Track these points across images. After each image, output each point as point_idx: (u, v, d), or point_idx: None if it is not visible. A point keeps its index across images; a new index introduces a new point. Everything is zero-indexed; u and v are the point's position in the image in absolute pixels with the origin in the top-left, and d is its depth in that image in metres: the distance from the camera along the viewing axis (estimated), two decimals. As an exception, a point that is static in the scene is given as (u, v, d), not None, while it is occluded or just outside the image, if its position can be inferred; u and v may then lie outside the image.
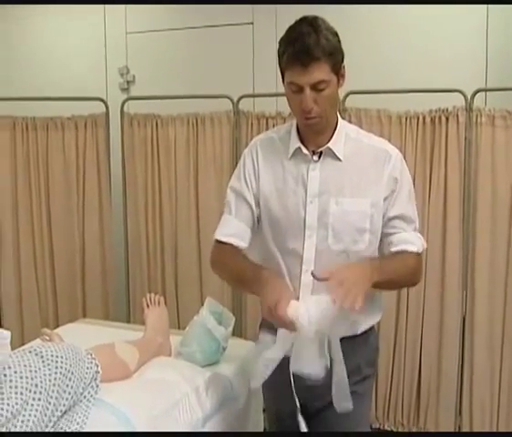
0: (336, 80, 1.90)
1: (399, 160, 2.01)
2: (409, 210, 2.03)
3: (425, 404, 3.34)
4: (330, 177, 1.97)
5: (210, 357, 2.44)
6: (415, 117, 3.22)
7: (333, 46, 1.87)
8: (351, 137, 2.02)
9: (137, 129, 3.74)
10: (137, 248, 3.82)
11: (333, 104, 1.95)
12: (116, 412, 1.92)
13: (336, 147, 1.98)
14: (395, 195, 1.99)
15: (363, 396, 2.09)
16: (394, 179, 1.98)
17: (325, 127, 1.97)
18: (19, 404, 1.72)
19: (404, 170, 2.02)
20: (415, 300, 3.28)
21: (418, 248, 2.02)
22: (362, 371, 2.07)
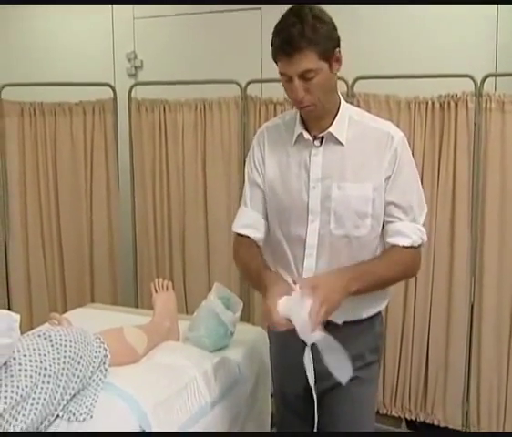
0: (327, 66, 1.89)
1: (401, 143, 1.97)
2: (407, 199, 1.97)
3: (433, 391, 3.34)
4: (332, 162, 1.98)
5: (218, 342, 2.44)
6: (424, 103, 3.19)
7: (321, 34, 1.85)
8: (354, 119, 2.00)
9: (144, 115, 3.73)
10: (144, 234, 3.82)
11: (327, 90, 1.93)
12: (124, 396, 1.93)
13: (338, 132, 1.97)
14: (392, 179, 1.95)
15: (368, 382, 2.09)
16: (394, 163, 1.95)
17: (324, 113, 1.96)
18: (29, 387, 1.73)
19: (405, 155, 1.98)
20: (423, 287, 3.27)
21: (413, 242, 1.96)
22: (365, 357, 2.07)
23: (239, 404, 2.38)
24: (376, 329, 2.11)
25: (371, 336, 2.09)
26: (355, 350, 1.94)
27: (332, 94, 1.98)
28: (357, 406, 2.08)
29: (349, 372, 1.81)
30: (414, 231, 1.97)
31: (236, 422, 2.36)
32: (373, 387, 2.15)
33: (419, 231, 1.99)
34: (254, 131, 3.54)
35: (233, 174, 3.62)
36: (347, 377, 1.81)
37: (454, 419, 3.31)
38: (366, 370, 2.07)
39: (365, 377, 2.06)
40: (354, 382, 1.91)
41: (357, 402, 2.09)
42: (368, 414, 2.14)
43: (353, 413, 2.09)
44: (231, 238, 3.58)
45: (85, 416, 1.83)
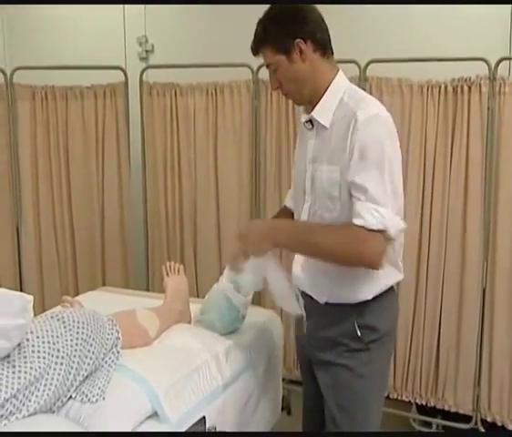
0: (286, 59, 1.98)
1: (363, 123, 1.89)
2: (362, 178, 1.88)
3: (444, 375, 3.34)
4: (318, 145, 2.06)
5: (230, 325, 2.44)
6: (437, 87, 3.16)
7: (271, 32, 2.00)
8: (344, 102, 2.00)
9: (156, 98, 3.73)
10: (156, 217, 3.83)
11: (295, 80, 2.02)
12: (136, 378, 1.94)
13: (320, 115, 2.03)
14: (352, 159, 1.91)
15: (356, 371, 2.06)
16: (354, 144, 1.90)
17: (309, 99, 2.05)
18: (42, 368, 1.75)
19: (366, 134, 1.89)
20: (435, 272, 3.26)
21: (366, 222, 1.84)
22: (347, 344, 2.05)
23: (250, 387, 2.39)
24: (365, 319, 2.03)
25: (352, 324, 2.03)
26: (334, 332, 2.06)
27: (306, 82, 2.02)
28: (344, 393, 2.09)
29: (296, 308, 2.09)
30: (370, 212, 1.85)
31: (247, 405, 2.37)
32: (364, 378, 2.07)
33: (378, 214, 1.84)
34: (265, 115, 3.55)
35: (245, 157, 3.62)
36: (293, 311, 2.11)
37: (464, 404, 3.31)
38: (353, 359, 2.06)
39: (353, 365, 2.06)
40: (340, 368, 2.06)
41: (342, 389, 2.10)
42: (359, 405, 2.10)
43: (338, 399, 2.11)
44: (242, 221, 3.63)
45: (97, 397, 1.84)
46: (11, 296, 1.71)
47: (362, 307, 2.03)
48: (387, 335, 2.10)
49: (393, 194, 1.89)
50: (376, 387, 2.13)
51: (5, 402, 1.63)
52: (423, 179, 3.24)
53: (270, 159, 3.57)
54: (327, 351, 2.10)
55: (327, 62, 2.03)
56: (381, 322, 2.06)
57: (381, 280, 2.03)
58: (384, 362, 2.16)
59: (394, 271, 2.09)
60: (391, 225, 1.86)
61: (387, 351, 2.16)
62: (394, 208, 1.89)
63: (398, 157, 1.96)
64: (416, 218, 3.26)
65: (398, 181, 1.92)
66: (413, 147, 3.22)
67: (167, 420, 1.90)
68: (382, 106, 2.01)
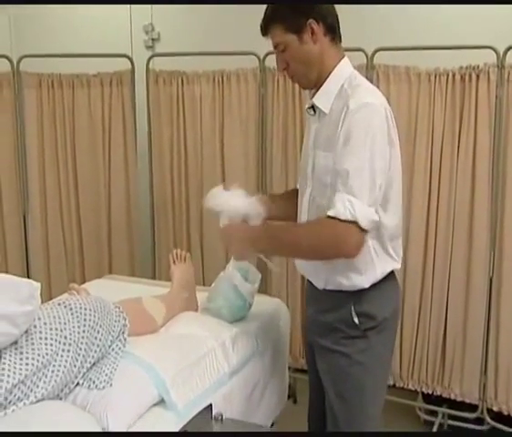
0: (297, 38, 1.97)
1: (353, 112, 1.89)
2: (342, 165, 1.88)
3: (450, 364, 3.33)
4: (318, 131, 2.07)
5: (237, 313, 2.44)
6: (445, 75, 3.14)
7: (283, 11, 1.98)
8: (343, 88, 2.00)
9: (162, 86, 3.72)
10: (162, 205, 3.83)
11: (303, 61, 2.01)
12: (144, 365, 1.94)
13: (320, 102, 2.04)
14: (339, 147, 1.91)
15: (355, 358, 2.07)
16: (344, 132, 1.90)
17: (313, 83, 2.06)
18: (49, 355, 1.75)
19: (352, 121, 1.89)
20: (442, 260, 3.25)
21: (337, 212, 1.85)
22: (343, 330, 2.06)
23: (257, 375, 2.40)
24: (362, 307, 2.04)
25: (349, 311, 2.04)
26: (332, 318, 2.08)
27: (314, 65, 2.02)
28: (341, 381, 2.11)
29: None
30: (342, 202, 1.85)
31: (254, 393, 2.37)
32: (361, 365, 2.08)
33: (350, 206, 1.84)
34: (272, 103, 3.54)
35: (251, 145, 3.61)
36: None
37: (470, 393, 3.31)
38: (350, 346, 2.07)
39: (350, 352, 2.07)
40: (337, 355, 2.08)
41: (339, 376, 2.11)
42: (356, 393, 2.10)
43: (336, 387, 2.12)
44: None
45: (104, 384, 1.85)
46: (19, 283, 1.72)
47: (359, 294, 2.04)
48: (385, 323, 2.09)
49: (370, 184, 1.87)
50: (375, 375, 2.12)
51: (12, 388, 1.64)
52: (430, 168, 3.23)
53: (276, 147, 3.56)
54: (325, 337, 2.12)
55: (335, 47, 2.03)
56: (378, 310, 2.06)
57: (376, 268, 2.04)
58: (384, 350, 2.14)
59: (388, 260, 2.08)
60: (361, 216, 1.85)
61: (386, 339, 2.14)
62: (369, 198, 1.87)
63: (382, 148, 1.91)
64: (423, 208, 3.25)
65: (378, 172, 1.89)
66: (420, 136, 3.21)
67: (173, 407, 1.90)
68: (379, 95, 2.01)
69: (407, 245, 3.26)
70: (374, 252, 2.02)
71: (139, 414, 1.85)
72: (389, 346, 2.20)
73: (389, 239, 2.06)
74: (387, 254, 2.07)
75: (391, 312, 2.13)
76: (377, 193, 1.90)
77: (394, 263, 2.11)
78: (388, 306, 2.12)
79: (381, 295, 2.07)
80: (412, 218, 3.26)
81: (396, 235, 2.12)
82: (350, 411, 2.12)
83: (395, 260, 2.11)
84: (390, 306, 2.13)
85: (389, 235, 2.05)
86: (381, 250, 2.04)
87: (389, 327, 2.13)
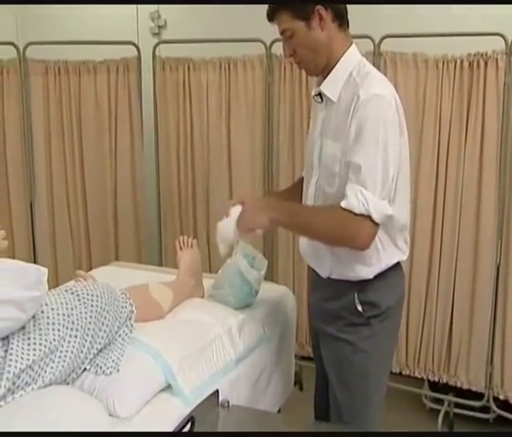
0: (304, 25, 1.95)
1: (364, 103, 1.88)
2: (355, 158, 1.88)
3: (457, 352, 3.33)
4: (326, 119, 2.06)
5: (243, 300, 2.44)
6: (453, 61, 3.13)
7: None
8: (353, 78, 1.99)
9: (169, 73, 3.72)
10: (168, 192, 3.83)
11: (311, 48, 1.99)
12: (150, 351, 1.95)
13: (328, 89, 2.02)
14: (351, 139, 1.91)
15: (358, 345, 2.08)
16: (355, 123, 1.90)
17: (320, 70, 2.04)
18: (56, 340, 1.76)
19: (364, 113, 1.88)
20: (449, 247, 3.24)
21: (348, 204, 1.87)
22: (346, 318, 2.08)
23: (263, 362, 2.39)
24: (366, 296, 2.05)
25: (352, 299, 2.05)
26: (336, 305, 2.09)
27: (321, 51, 2.00)
28: (344, 368, 2.12)
29: None
30: (355, 195, 1.86)
31: (260, 380, 2.37)
32: (364, 353, 2.09)
33: (363, 198, 1.85)
34: (279, 90, 3.53)
35: (257, 133, 3.61)
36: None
37: (477, 381, 3.31)
38: (354, 333, 2.08)
39: (353, 340, 2.08)
40: (341, 343, 2.09)
41: (343, 363, 2.12)
42: (359, 380, 2.11)
43: (339, 374, 2.14)
44: (255, 196, 3.61)
45: (111, 369, 1.85)
46: (26, 268, 1.72)
47: (363, 284, 2.05)
48: (389, 311, 2.09)
49: (383, 178, 1.88)
50: (378, 363, 2.13)
51: (20, 373, 1.65)
52: (437, 155, 3.22)
53: (283, 134, 3.55)
54: (329, 324, 2.13)
55: (343, 34, 2.02)
56: (382, 299, 2.06)
57: (382, 260, 2.04)
58: (387, 338, 2.14)
59: (395, 252, 2.08)
60: (374, 210, 1.86)
61: (390, 327, 2.14)
62: (382, 192, 1.88)
63: (395, 141, 1.90)
64: (430, 195, 3.25)
65: (391, 165, 1.89)
66: (427, 123, 3.20)
67: (180, 392, 1.91)
68: (387, 84, 1.99)
69: (414, 232, 3.25)
70: (381, 244, 2.02)
71: (146, 400, 1.85)
72: (392, 334, 2.20)
73: (398, 231, 2.05)
74: (395, 246, 2.07)
75: (395, 301, 2.13)
76: (390, 185, 1.90)
77: (401, 255, 2.11)
78: (393, 295, 2.12)
79: (386, 284, 2.07)
80: (419, 205, 3.26)
81: (406, 226, 2.11)
82: (353, 398, 2.13)
83: (403, 252, 2.11)
84: (394, 295, 2.13)
85: (398, 227, 2.05)
86: (389, 242, 2.04)
87: (393, 315, 2.13)
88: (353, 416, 2.13)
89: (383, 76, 2.07)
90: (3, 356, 1.65)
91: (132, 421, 1.76)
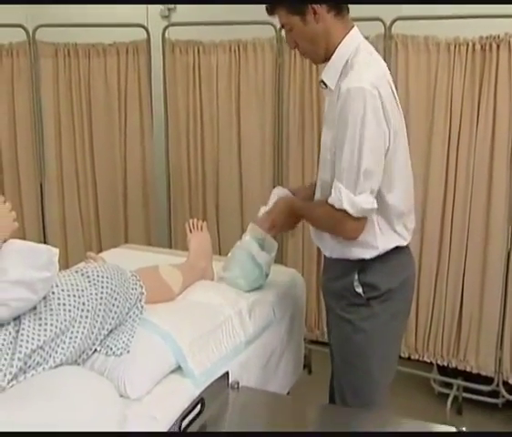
0: (300, 20, 1.99)
1: (344, 96, 1.91)
2: (338, 153, 1.95)
3: (466, 337, 3.33)
4: (327, 106, 2.12)
5: (253, 282, 2.44)
6: (465, 44, 3.10)
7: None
8: (348, 63, 2.01)
9: (178, 56, 3.71)
10: (178, 176, 3.83)
11: (310, 40, 2.04)
12: (161, 332, 1.95)
13: (327, 77, 2.07)
14: (336, 130, 1.97)
15: (360, 325, 2.11)
16: (337, 115, 1.95)
17: (322, 59, 2.07)
18: (67, 321, 1.76)
19: (344, 107, 1.91)
20: (459, 232, 3.23)
21: (330, 200, 1.98)
22: (347, 297, 2.12)
23: (273, 344, 2.40)
24: (366, 277, 2.09)
25: (351, 279, 2.10)
26: (339, 285, 2.15)
27: (320, 42, 2.04)
28: (346, 346, 2.17)
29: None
30: (335, 191, 1.97)
31: (269, 363, 2.38)
32: (365, 332, 2.12)
33: (339, 194, 1.95)
34: (289, 73, 3.52)
35: (268, 116, 3.60)
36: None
37: (486, 365, 3.31)
38: (354, 313, 2.12)
39: (354, 319, 2.12)
40: (343, 322, 2.14)
41: (344, 342, 2.17)
42: (360, 358, 2.15)
43: (342, 352, 2.20)
44: (264, 180, 3.62)
45: (122, 350, 1.86)
46: (37, 249, 1.72)
47: (363, 264, 2.09)
48: (390, 293, 2.11)
49: (357, 174, 1.92)
50: (379, 343, 2.14)
51: (32, 353, 1.65)
52: (448, 139, 3.20)
53: (293, 117, 3.54)
54: (334, 304, 2.20)
55: (341, 22, 2.03)
56: (381, 281, 2.09)
57: (379, 244, 2.08)
58: (390, 319, 2.15)
59: (394, 237, 2.11)
60: (349, 206, 1.93)
61: (392, 309, 2.14)
62: (357, 187, 1.93)
63: (374, 134, 1.91)
64: (441, 179, 3.23)
65: (367, 160, 1.91)
66: (438, 107, 3.18)
67: (190, 373, 1.91)
68: (373, 72, 1.97)
69: (424, 217, 3.25)
70: (379, 228, 2.06)
71: (157, 381, 1.86)
72: (396, 316, 2.20)
73: (396, 217, 2.09)
74: (394, 231, 2.10)
75: (397, 284, 2.14)
76: (363, 180, 1.92)
77: (401, 240, 2.13)
78: (394, 277, 2.13)
79: (386, 267, 2.10)
80: (429, 190, 3.24)
81: (406, 212, 2.13)
82: (355, 377, 2.17)
83: (403, 237, 2.13)
84: (395, 278, 2.14)
85: (396, 213, 2.08)
86: (387, 227, 2.08)
87: (395, 298, 2.14)
88: (355, 397, 2.17)
89: (370, 64, 2.03)
90: (14, 336, 1.66)
91: (142, 401, 1.77)
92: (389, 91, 1.99)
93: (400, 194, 2.07)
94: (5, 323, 1.66)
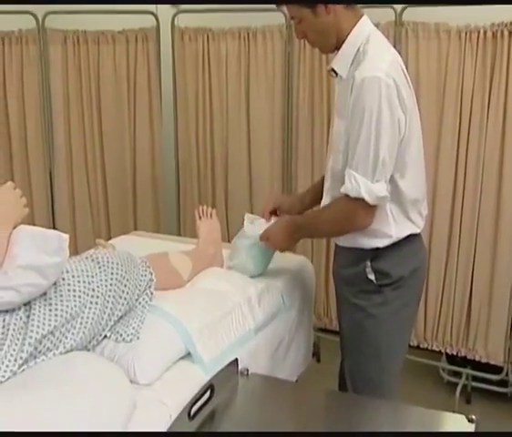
0: (311, 12, 1.97)
1: (358, 86, 1.90)
2: (351, 142, 1.95)
3: (475, 325, 3.32)
4: (338, 95, 2.10)
5: (262, 261, 2.43)
6: (476, 32, 3.07)
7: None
8: (359, 52, 1.99)
9: (188, 43, 3.70)
10: (187, 164, 3.83)
11: (321, 31, 2.03)
12: (170, 319, 1.95)
13: (338, 65, 2.05)
14: (349, 119, 1.95)
15: (370, 312, 2.12)
16: (351, 104, 1.94)
17: (332, 49, 2.07)
18: (77, 307, 1.77)
19: (360, 96, 1.90)
20: (469, 221, 3.21)
21: (345, 190, 1.96)
22: (357, 284, 2.13)
23: (282, 331, 2.40)
24: (378, 264, 2.09)
25: (363, 266, 2.10)
26: (350, 272, 2.15)
27: (330, 33, 2.03)
28: (356, 332, 2.18)
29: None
30: (350, 179, 1.95)
31: (278, 350, 2.38)
32: (376, 318, 2.13)
33: (355, 183, 1.93)
34: (299, 60, 3.50)
35: (277, 103, 3.59)
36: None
37: (495, 354, 3.30)
38: (366, 300, 2.13)
39: (365, 306, 2.13)
40: (354, 309, 2.16)
41: (355, 328, 2.18)
42: (370, 344, 2.16)
43: (351, 336, 2.22)
44: (274, 167, 3.62)
45: (132, 337, 1.86)
46: (48, 234, 1.72)
47: (375, 252, 2.09)
48: (402, 281, 2.11)
49: (374, 162, 1.91)
50: (389, 329, 2.15)
51: (42, 338, 1.66)
52: (458, 127, 3.18)
53: (302, 104, 3.53)
54: (345, 291, 2.20)
55: (351, 11, 2.02)
56: (394, 269, 2.09)
57: (393, 233, 2.07)
58: (401, 306, 2.15)
59: (408, 224, 2.10)
60: (367, 194, 1.92)
61: (404, 296, 2.15)
62: (374, 175, 1.92)
63: (389, 122, 1.90)
64: (451, 167, 3.21)
65: (384, 148, 1.91)
66: (449, 95, 3.16)
67: (199, 360, 1.91)
68: (386, 61, 1.96)
69: (434, 205, 3.23)
70: (392, 216, 2.05)
71: (166, 367, 1.86)
72: (408, 303, 2.20)
73: (411, 204, 2.08)
74: (407, 219, 2.09)
75: (409, 272, 2.13)
76: (381, 168, 1.92)
77: (415, 227, 2.12)
78: (406, 265, 2.13)
79: (398, 255, 2.10)
80: (439, 178, 3.23)
81: (420, 198, 2.13)
82: (366, 364, 2.17)
83: (416, 225, 2.13)
84: (408, 265, 2.14)
85: (410, 200, 2.07)
86: (400, 215, 2.07)
87: (407, 285, 2.14)
88: (366, 384, 2.18)
89: (383, 52, 2.02)
90: (25, 321, 1.67)
91: (152, 387, 1.78)
92: (402, 76, 1.97)
93: (413, 180, 2.06)
94: (15, 308, 1.67)
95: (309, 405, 1.91)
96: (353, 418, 1.82)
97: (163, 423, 1.64)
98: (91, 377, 1.62)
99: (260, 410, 1.85)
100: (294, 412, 1.86)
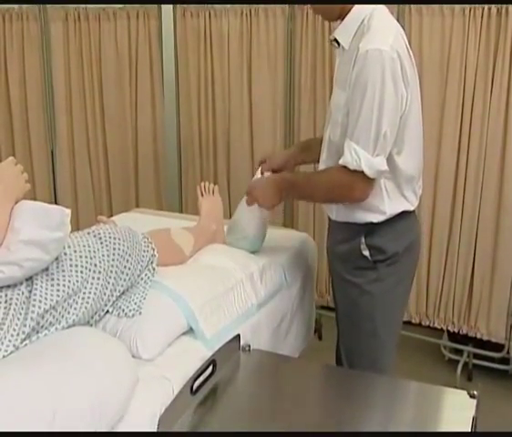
0: None
1: (362, 57, 1.87)
2: (352, 114, 1.92)
3: (477, 303, 3.33)
4: (339, 66, 2.07)
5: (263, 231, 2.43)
6: (480, 8, 3.05)
7: None
8: (363, 24, 1.96)
9: (189, 20, 3.68)
10: (189, 142, 3.83)
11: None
12: (172, 294, 1.95)
13: (341, 36, 2.02)
14: (350, 90, 1.92)
15: (365, 288, 2.12)
16: (352, 75, 1.91)
17: (336, 16, 2.04)
18: (79, 282, 1.76)
19: (363, 68, 1.87)
20: (472, 199, 3.22)
21: (345, 161, 1.92)
22: (352, 261, 2.12)
23: (284, 308, 2.40)
24: (372, 240, 2.08)
25: (358, 242, 2.09)
26: (345, 249, 2.15)
27: (330, 4, 2.02)
28: (351, 308, 2.18)
29: None
30: (350, 151, 1.91)
31: (280, 327, 2.38)
32: (371, 295, 2.12)
33: (356, 155, 1.90)
34: (301, 37, 3.48)
35: (279, 80, 3.58)
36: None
37: (497, 332, 3.31)
38: (361, 276, 2.12)
39: (360, 282, 2.12)
40: (349, 285, 2.15)
41: (350, 304, 2.17)
42: (365, 319, 2.15)
43: (346, 311, 2.22)
44: (276, 145, 3.61)
45: (134, 312, 1.86)
46: (50, 209, 1.71)
47: (369, 227, 2.07)
48: (396, 257, 2.10)
49: (376, 135, 1.89)
50: (384, 306, 2.14)
51: (44, 313, 1.66)
52: (461, 106, 3.18)
53: (304, 82, 3.52)
54: (339, 267, 2.20)
55: None
56: (388, 245, 2.08)
57: (386, 208, 2.05)
58: (396, 282, 2.14)
59: (402, 201, 2.08)
60: (367, 167, 1.90)
61: (399, 272, 2.14)
62: (375, 148, 1.90)
63: (392, 96, 1.88)
64: (454, 147, 3.21)
65: (386, 121, 1.88)
66: (452, 73, 3.15)
67: (201, 335, 1.91)
68: (391, 34, 1.92)
69: (436, 184, 3.23)
70: (386, 192, 2.03)
71: (168, 342, 1.86)
72: (403, 280, 2.19)
73: (405, 181, 2.06)
74: (402, 195, 2.07)
75: (403, 248, 2.12)
76: (382, 142, 1.90)
77: (408, 205, 2.11)
78: (400, 241, 2.12)
79: (392, 230, 2.09)
80: (442, 157, 3.22)
81: (415, 176, 2.11)
82: (361, 339, 2.18)
83: (410, 202, 2.11)
84: (402, 242, 2.13)
85: (405, 177, 2.05)
86: (395, 191, 2.05)
87: (401, 261, 2.13)
88: (362, 360, 2.18)
89: (388, 25, 1.99)
90: (27, 296, 1.66)
91: (155, 362, 1.78)
92: (405, 51, 1.95)
93: (410, 157, 2.04)
94: (17, 283, 1.66)
95: (308, 380, 1.91)
96: (352, 392, 1.82)
97: (166, 398, 1.64)
98: (93, 352, 1.61)
99: (260, 385, 1.86)
100: (293, 387, 1.86)
